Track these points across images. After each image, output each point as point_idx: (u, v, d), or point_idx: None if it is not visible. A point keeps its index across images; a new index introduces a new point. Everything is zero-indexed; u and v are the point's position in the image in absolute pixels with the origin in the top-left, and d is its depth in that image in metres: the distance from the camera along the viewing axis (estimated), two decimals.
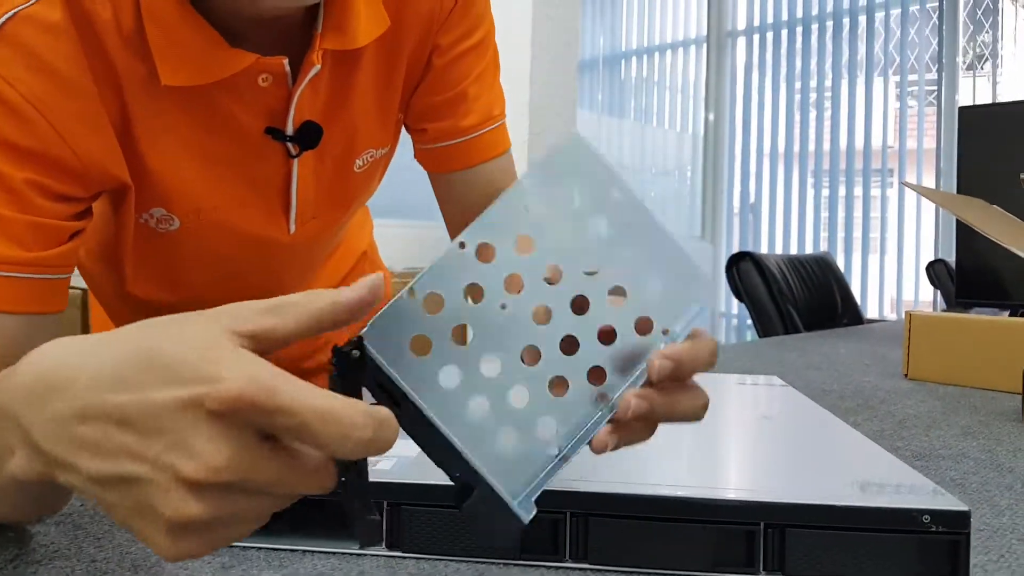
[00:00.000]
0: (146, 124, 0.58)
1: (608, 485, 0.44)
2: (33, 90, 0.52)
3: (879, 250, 4.32)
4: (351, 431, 0.29)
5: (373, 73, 0.66)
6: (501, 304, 0.35)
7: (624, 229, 0.37)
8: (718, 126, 4.89)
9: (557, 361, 0.36)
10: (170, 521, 0.29)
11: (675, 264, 0.38)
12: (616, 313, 0.37)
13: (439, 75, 0.70)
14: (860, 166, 4.35)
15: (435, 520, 0.44)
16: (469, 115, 0.72)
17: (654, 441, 0.39)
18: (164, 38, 0.54)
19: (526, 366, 0.35)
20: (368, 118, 0.67)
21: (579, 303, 0.36)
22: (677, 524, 0.42)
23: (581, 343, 0.36)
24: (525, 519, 0.34)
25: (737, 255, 2.18)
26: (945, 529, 0.41)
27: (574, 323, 0.36)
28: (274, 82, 0.58)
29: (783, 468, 0.50)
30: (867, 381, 1.07)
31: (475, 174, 0.74)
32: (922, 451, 0.70)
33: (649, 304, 0.37)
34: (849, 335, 1.67)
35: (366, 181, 0.72)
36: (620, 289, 0.37)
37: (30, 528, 0.48)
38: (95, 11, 0.53)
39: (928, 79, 4.21)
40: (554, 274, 0.37)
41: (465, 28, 0.69)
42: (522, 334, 0.35)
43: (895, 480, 0.46)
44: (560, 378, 0.36)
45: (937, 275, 2.97)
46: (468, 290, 0.35)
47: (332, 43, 0.60)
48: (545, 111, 2.67)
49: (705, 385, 0.40)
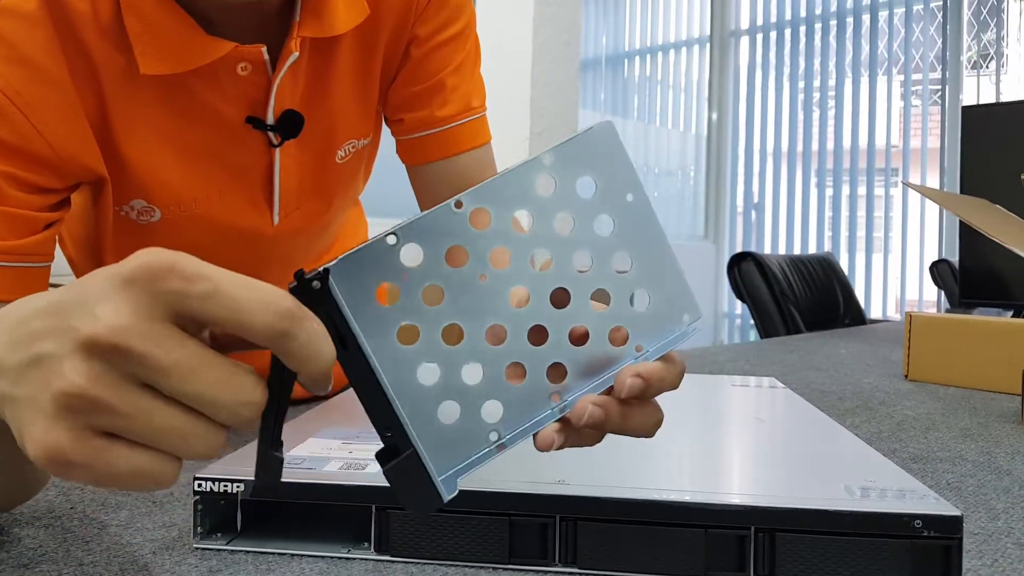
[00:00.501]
0: (124, 116, 0.58)
1: (598, 489, 0.43)
2: (9, 81, 0.52)
3: (883, 250, 4.31)
4: (273, 298, 0.27)
5: (351, 62, 0.66)
6: (481, 275, 0.34)
7: (628, 234, 0.36)
8: (721, 126, 4.89)
9: (521, 348, 0.35)
10: (57, 393, 0.26)
11: (669, 283, 0.37)
12: (595, 317, 0.36)
13: (417, 65, 0.70)
14: (864, 165, 4.34)
15: (424, 523, 0.43)
16: (446, 105, 0.71)
17: (646, 443, 0.38)
18: (142, 27, 0.54)
19: (488, 345, 0.34)
20: (348, 107, 0.67)
21: (559, 297, 0.35)
22: (667, 528, 0.42)
23: (550, 336, 0.35)
24: (445, 497, 0.34)
25: (739, 255, 2.17)
26: (937, 534, 0.40)
27: (549, 315, 0.35)
28: (253, 71, 0.58)
29: (776, 472, 0.49)
30: (867, 382, 1.07)
31: (451, 165, 0.73)
32: (919, 454, 0.70)
33: (631, 317, 0.36)
34: (851, 336, 1.66)
35: (351, 173, 0.72)
36: (605, 294, 0.36)
37: (18, 531, 0.47)
38: (71, 3, 0.53)
39: (932, 78, 4.20)
40: (544, 261, 0.36)
41: (443, 19, 0.69)
42: (493, 311, 0.34)
43: (889, 484, 0.45)
44: (519, 366, 0.35)
45: (941, 275, 2.96)
46: (451, 251, 0.34)
47: (310, 30, 0.60)
48: (546, 111, 2.67)
49: (703, 387, 0.40)
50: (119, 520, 0.49)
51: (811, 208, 4.54)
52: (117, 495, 0.54)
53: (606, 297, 0.36)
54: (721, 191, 4.89)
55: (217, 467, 0.46)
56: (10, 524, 0.49)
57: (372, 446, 0.51)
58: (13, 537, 0.47)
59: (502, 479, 0.44)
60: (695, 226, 4.90)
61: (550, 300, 0.35)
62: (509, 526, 0.43)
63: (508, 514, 0.43)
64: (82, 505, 0.52)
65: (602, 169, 0.36)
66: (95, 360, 0.27)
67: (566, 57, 2.72)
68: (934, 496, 0.43)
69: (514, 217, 0.35)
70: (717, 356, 1.30)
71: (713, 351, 1.37)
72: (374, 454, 0.33)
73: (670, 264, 0.37)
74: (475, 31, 0.74)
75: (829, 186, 4.48)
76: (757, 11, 4.74)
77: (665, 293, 0.37)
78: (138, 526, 0.48)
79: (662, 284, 0.37)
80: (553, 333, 0.35)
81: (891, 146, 4.32)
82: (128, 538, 0.47)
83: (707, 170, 4.94)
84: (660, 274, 0.37)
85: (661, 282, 0.37)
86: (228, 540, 0.45)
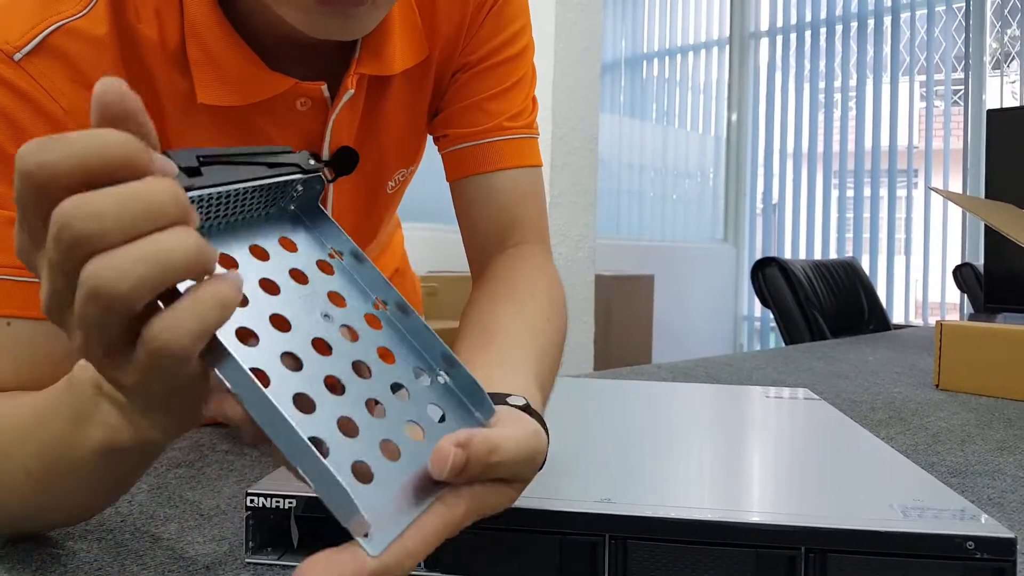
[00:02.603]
0: (182, 139, 0.59)
1: (647, 508, 0.43)
2: (72, 101, 0.52)
3: (904, 252, 4.28)
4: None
5: (404, 96, 0.66)
6: (324, 314, 0.37)
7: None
8: (741, 127, 4.87)
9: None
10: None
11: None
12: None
13: (464, 86, 0.69)
14: (885, 167, 4.31)
15: (475, 541, 0.44)
16: (491, 119, 0.70)
17: (692, 459, 0.38)
18: (204, 57, 0.55)
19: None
20: (399, 140, 0.67)
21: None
22: (718, 548, 0.42)
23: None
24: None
25: (763, 260, 2.17)
26: (990, 556, 0.40)
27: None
28: (312, 106, 0.59)
29: (822, 489, 0.49)
30: (898, 392, 1.06)
31: (489, 181, 0.70)
32: (957, 467, 0.69)
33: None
34: (877, 342, 1.66)
35: (395, 200, 0.73)
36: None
37: (72, 544, 0.48)
38: (141, 29, 0.54)
39: (954, 78, 4.16)
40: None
41: (495, 43, 0.69)
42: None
43: (936, 503, 0.45)
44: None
45: (964, 279, 2.94)
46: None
47: (369, 68, 0.60)
48: (568, 115, 2.67)
49: (737, 398, 0.40)
50: (169, 533, 0.50)
51: (831, 210, 4.51)
52: (166, 507, 0.54)
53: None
54: (740, 193, 4.88)
55: (269, 483, 0.46)
56: (63, 538, 0.49)
57: None
58: (68, 551, 0.47)
59: (551, 498, 0.44)
60: (714, 229, 4.89)
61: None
62: (560, 544, 0.43)
63: (558, 532, 0.43)
64: (132, 518, 0.53)
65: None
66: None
67: (586, 62, 2.72)
68: (985, 516, 0.43)
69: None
70: (744, 363, 1.30)
71: (740, 358, 1.37)
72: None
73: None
74: (531, 57, 0.72)
75: (850, 188, 4.45)
76: (777, 13, 4.72)
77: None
78: (188, 539, 0.49)
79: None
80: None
81: (912, 147, 4.29)
82: (180, 552, 0.47)
83: (726, 172, 4.92)
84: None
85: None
86: (279, 555, 0.46)
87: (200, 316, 0.29)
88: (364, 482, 0.32)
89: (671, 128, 4.70)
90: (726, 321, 4.67)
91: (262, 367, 0.32)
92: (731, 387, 0.85)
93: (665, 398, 0.78)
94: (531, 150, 0.73)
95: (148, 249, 0.28)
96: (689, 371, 1.20)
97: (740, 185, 4.85)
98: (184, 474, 0.62)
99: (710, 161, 4.87)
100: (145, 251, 0.28)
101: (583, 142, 2.74)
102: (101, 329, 0.29)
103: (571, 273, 2.75)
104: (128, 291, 0.27)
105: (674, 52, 4.77)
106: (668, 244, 4.49)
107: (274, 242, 0.39)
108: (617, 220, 4.35)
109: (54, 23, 0.51)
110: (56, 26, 0.51)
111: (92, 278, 0.27)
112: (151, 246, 0.28)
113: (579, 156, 2.74)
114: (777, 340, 4.29)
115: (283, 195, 0.40)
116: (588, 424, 0.66)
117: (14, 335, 0.51)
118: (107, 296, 0.27)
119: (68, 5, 0.52)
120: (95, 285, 0.27)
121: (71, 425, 0.39)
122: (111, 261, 0.27)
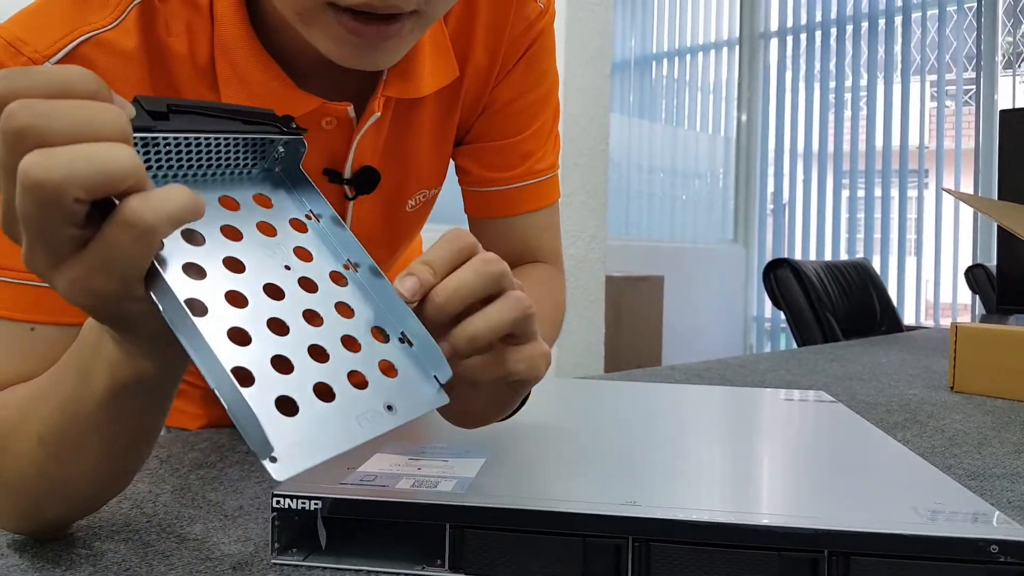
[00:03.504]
0: None
1: (670, 510, 0.44)
2: None
3: (915, 253, 4.26)
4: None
5: (431, 119, 0.66)
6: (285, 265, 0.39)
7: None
8: (751, 128, 4.87)
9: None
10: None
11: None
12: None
13: (490, 125, 0.70)
14: (896, 167, 4.30)
15: (499, 542, 0.44)
16: (515, 167, 0.71)
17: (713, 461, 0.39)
18: (234, 75, 0.55)
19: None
20: (423, 161, 0.68)
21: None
22: (740, 551, 0.42)
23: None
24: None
25: (775, 262, 2.17)
26: (1014, 560, 0.40)
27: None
28: (337, 126, 0.59)
29: (843, 492, 0.50)
30: (912, 394, 1.06)
31: (510, 221, 0.73)
32: (975, 470, 0.70)
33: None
34: (889, 344, 1.65)
35: (417, 219, 0.73)
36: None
37: (99, 545, 0.49)
38: (171, 43, 0.54)
39: (966, 78, 4.15)
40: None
41: (527, 84, 0.69)
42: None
43: (958, 506, 0.46)
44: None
45: (976, 280, 2.92)
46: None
47: (395, 91, 0.60)
48: (579, 117, 2.67)
49: (752, 401, 0.40)
50: (195, 533, 0.51)
51: (842, 211, 4.50)
52: (190, 508, 0.55)
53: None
54: (750, 194, 4.87)
55: (294, 484, 0.47)
56: (90, 538, 0.50)
57: (439, 462, 0.53)
58: (97, 551, 0.48)
59: (575, 500, 0.45)
60: (724, 229, 4.88)
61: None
62: (583, 547, 0.43)
63: (582, 535, 0.43)
64: (157, 518, 0.53)
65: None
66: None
67: (597, 63, 2.73)
68: (1007, 520, 0.43)
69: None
70: (757, 365, 1.30)
71: (753, 360, 1.37)
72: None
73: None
74: (556, 96, 0.73)
75: (860, 188, 4.44)
76: (787, 13, 4.71)
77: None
78: (214, 540, 0.50)
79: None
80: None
81: (923, 147, 4.28)
82: (206, 552, 0.48)
83: (736, 173, 4.91)
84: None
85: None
86: (304, 556, 0.46)
87: (171, 200, 0.31)
88: (288, 415, 0.34)
89: (681, 128, 4.69)
90: (736, 322, 4.66)
91: (202, 299, 0.35)
92: (746, 389, 0.85)
93: (682, 400, 0.78)
94: (552, 188, 0.75)
95: (84, 150, 0.30)
96: (702, 373, 1.20)
97: (750, 185, 4.84)
98: (206, 475, 0.63)
99: (720, 161, 4.86)
100: (81, 151, 0.30)
101: (594, 143, 2.74)
102: (43, 231, 0.31)
103: (582, 274, 2.75)
104: (60, 181, 0.29)
105: (684, 52, 4.77)
106: (678, 245, 4.49)
107: (247, 197, 0.41)
108: (627, 221, 4.35)
109: (84, 34, 0.52)
110: (85, 37, 0.52)
111: (27, 166, 0.29)
112: (87, 148, 0.30)
113: (590, 157, 2.74)
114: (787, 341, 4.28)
115: (263, 155, 0.42)
116: (608, 426, 0.66)
117: (40, 339, 0.52)
118: (38, 185, 0.29)
119: (99, 16, 0.52)
120: (28, 173, 0.29)
121: (78, 381, 0.41)
122: (47, 153, 0.29)
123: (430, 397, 0.40)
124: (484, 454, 0.54)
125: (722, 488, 0.50)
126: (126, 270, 0.32)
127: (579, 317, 2.74)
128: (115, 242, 0.31)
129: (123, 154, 0.30)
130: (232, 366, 0.33)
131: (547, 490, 0.49)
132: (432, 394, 0.40)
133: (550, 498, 0.46)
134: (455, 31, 0.64)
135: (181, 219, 0.32)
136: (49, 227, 0.31)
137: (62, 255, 0.32)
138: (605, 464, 0.55)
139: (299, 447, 0.33)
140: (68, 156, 0.29)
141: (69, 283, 0.33)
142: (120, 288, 0.33)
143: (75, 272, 0.32)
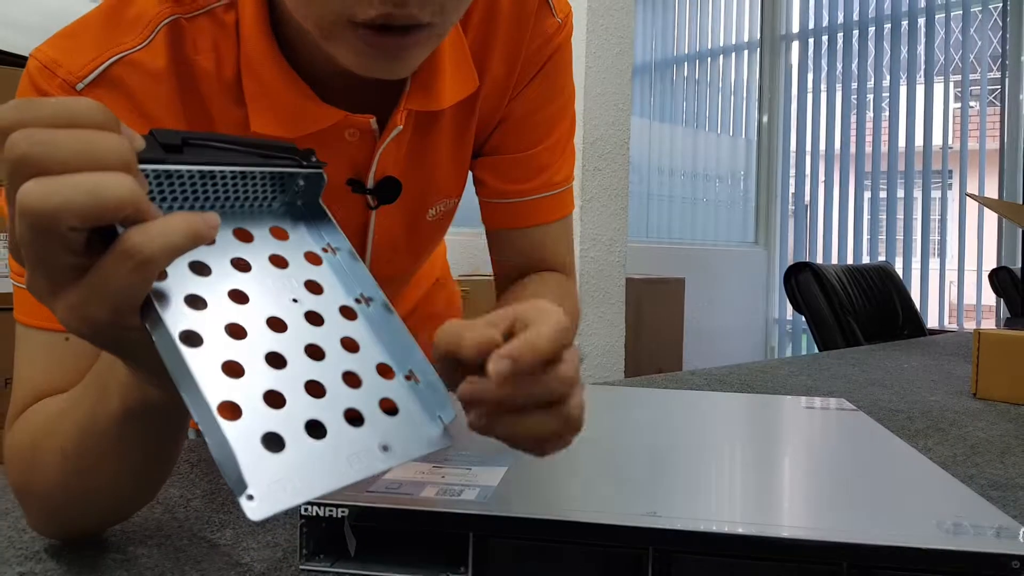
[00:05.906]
0: None
1: (691, 521, 0.44)
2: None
3: (938, 255, 4.22)
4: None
5: (451, 129, 0.67)
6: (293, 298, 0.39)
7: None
8: (772, 130, 4.84)
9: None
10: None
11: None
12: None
13: (506, 137, 0.71)
14: (919, 168, 4.26)
15: (522, 551, 0.45)
16: (530, 180, 0.72)
17: (734, 472, 0.39)
18: (261, 91, 0.56)
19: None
20: (444, 171, 0.69)
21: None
22: (760, 562, 0.43)
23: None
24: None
25: (796, 266, 2.16)
26: None
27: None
28: (360, 137, 0.61)
29: (863, 504, 0.50)
30: (934, 400, 1.06)
31: (526, 232, 0.74)
32: (998, 480, 0.69)
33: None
34: (912, 348, 1.64)
35: (439, 228, 0.74)
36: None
37: (133, 549, 0.50)
38: (198, 61, 0.56)
39: (991, 78, 4.10)
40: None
41: (542, 98, 0.70)
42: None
43: (979, 519, 0.46)
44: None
45: (1000, 283, 2.89)
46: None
47: (418, 104, 0.61)
48: (600, 120, 2.68)
49: (774, 409, 0.41)
50: (225, 539, 0.52)
51: (864, 212, 4.46)
52: (221, 513, 0.56)
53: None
54: (772, 196, 4.84)
55: None
56: (124, 543, 0.51)
57: (462, 470, 0.53)
58: (131, 556, 0.49)
59: (596, 510, 0.45)
60: (746, 232, 4.86)
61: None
62: (604, 557, 0.44)
63: (603, 545, 0.44)
64: (188, 523, 0.55)
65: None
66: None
67: (618, 67, 2.73)
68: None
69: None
70: (779, 370, 1.30)
71: (774, 365, 1.37)
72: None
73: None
74: (572, 109, 0.74)
75: (883, 189, 4.40)
76: (808, 14, 4.68)
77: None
78: (244, 546, 0.51)
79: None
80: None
81: (947, 147, 4.23)
82: (237, 557, 0.49)
83: (757, 175, 4.89)
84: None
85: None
86: (332, 562, 0.47)
87: (170, 231, 0.31)
88: (273, 451, 0.34)
89: (702, 131, 4.67)
90: (757, 324, 4.64)
91: (199, 330, 0.35)
92: (767, 396, 0.85)
93: (703, 408, 0.78)
94: (567, 200, 0.76)
95: (81, 178, 0.30)
96: (723, 378, 1.21)
97: (771, 187, 4.82)
98: None
99: (741, 163, 4.84)
100: (78, 179, 0.30)
101: (615, 146, 2.74)
102: (41, 258, 0.32)
103: (602, 277, 2.75)
104: (54, 209, 0.30)
105: (705, 55, 4.75)
106: (699, 247, 4.48)
107: (264, 229, 0.41)
108: (647, 223, 4.34)
109: (115, 55, 0.53)
110: (117, 58, 0.53)
111: (23, 193, 0.30)
112: (84, 177, 0.30)
113: (610, 160, 2.74)
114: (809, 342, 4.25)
115: (284, 189, 0.42)
116: (629, 435, 0.67)
117: (72, 350, 0.54)
118: (34, 213, 0.30)
119: (129, 37, 0.54)
120: (24, 201, 0.30)
121: (95, 400, 0.43)
122: (44, 181, 0.30)
123: (431, 438, 0.39)
124: (506, 462, 0.55)
125: (742, 499, 0.50)
126: (120, 300, 0.32)
127: (600, 320, 2.74)
128: (111, 272, 0.31)
129: (120, 183, 0.31)
130: (220, 399, 0.33)
131: (568, 499, 0.50)
132: (434, 435, 0.39)
133: (571, 508, 0.46)
134: (474, 42, 0.65)
135: (179, 249, 0.32)
136: (47, 254, 0.31)
137: (60, 282, 0.33)
138: (626, 473, 0.55)
139: (280, 485, 0.33)
140: (63, 184, 0.30)
141: (66, 309, 0.33)
142: (114, 317, 0.33)
143: (71, 299, 0.33)
